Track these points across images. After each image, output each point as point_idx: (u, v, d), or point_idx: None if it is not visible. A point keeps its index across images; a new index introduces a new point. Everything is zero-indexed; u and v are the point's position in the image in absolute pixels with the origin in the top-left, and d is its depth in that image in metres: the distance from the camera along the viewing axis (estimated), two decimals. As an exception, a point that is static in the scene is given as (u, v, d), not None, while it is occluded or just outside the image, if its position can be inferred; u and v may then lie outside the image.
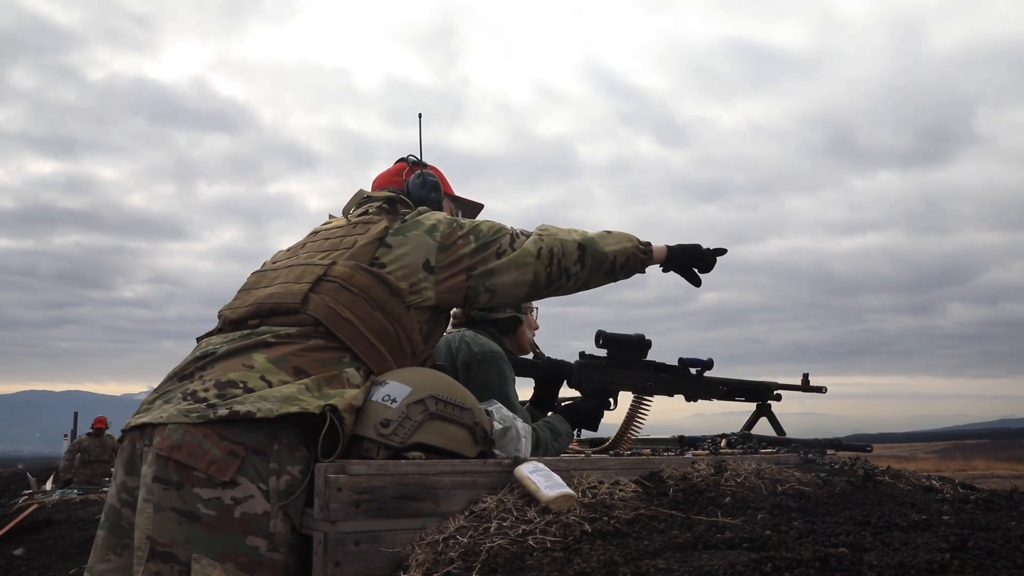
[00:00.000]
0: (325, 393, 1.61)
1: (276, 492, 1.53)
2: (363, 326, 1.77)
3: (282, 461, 1.55)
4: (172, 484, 1.50)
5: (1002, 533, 1.28)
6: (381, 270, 1.83)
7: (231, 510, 1.49)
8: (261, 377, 1.61)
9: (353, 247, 1.88)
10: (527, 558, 1.37)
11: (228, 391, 1.58)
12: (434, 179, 2.19)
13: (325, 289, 1.78)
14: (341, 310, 1.76)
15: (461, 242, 1.92)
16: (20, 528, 6.91)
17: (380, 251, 1.87)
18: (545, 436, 2.30)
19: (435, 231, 1.91)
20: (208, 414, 1.53)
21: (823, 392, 2.88)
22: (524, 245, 1.96)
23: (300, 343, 1.71)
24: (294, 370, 1.65)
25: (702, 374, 2.63)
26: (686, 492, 1.71)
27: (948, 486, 2.10)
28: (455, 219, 2.00)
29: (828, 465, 2.16)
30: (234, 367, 1.64)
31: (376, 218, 1.98)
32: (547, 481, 1.59)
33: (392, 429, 1.62)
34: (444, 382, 1.75)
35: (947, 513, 1.55)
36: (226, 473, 1.50)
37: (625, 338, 2.53)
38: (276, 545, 1.51)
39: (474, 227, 1.98)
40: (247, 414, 1.52)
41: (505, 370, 2.32)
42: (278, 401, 1.55)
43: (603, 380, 2.50)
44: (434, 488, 1.57)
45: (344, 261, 1.84)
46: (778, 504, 1.65)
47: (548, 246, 1.98)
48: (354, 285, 1.79)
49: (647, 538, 1.42)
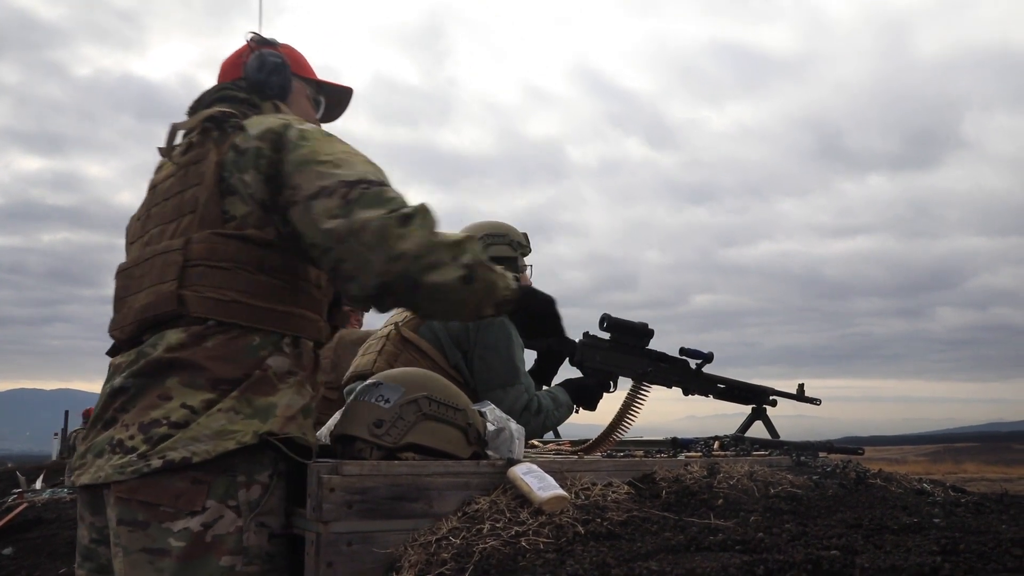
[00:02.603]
0: (258, 406, 1.49)
1: (247, 504, 1.47)
2: (254, 299, 1.55)
3: (250, 472, 1.49)
4: (138, 524, 1.43)
5: (993, 536, 1.29)
6: (240, 229, 1.57)
7: (202, 536, 1.43)
8: (182, 405, 1.46)
9: (197, 207, 1.59)
10: (520, 559, 1.37)
11: (153, 433, 1.44)
12: (276, 60, 1.79)
13: (194, 279, 1.54)
14: (222, 294, 1.53)
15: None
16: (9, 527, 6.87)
17: (227, 202, 1.58)
18: (547, 404, 2.34)
19: (260, 157, 1.57)
20: (142, 468, 1.42)
21: (817, 404, 2.90)
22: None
23: (201, 349, 1.51)
24: (211, 383, 1.49)
25: (701, 368, 2.65)
26: (679, 494, 1.71)
27: (939, 489, 2.11)
28: (283, 125, 1.60)
29: (820, 468, 2.17)
30: (152, 403, 1.48)
31: (201, 152, 1.64)
32: (540, 482, 1.59)
33: (385, 429, 1.61)
34: (438, 383, 1.74)
35: (938, 516, 1.55)
36: (196, 503, 1.43)
37: (629, 324, 2.55)
38: (251, 558, 1.46)
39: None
40: (183, 460, 1.41)
41: (512, 334, 2.34)
42: (211, 439, 1.43)
43: (605, 362, 2.52)
44: (427, 489, 1.57)
45: (197, 233, 1.56)
46: (770, 506, 1.66)
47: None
48: (221, 260, 1.55)
49: (640, 540, 1.42)
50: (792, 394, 2.87)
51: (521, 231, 2.66)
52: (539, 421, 2.33)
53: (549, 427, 2.44)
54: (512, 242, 2.53)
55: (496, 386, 2.27)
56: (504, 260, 2.52)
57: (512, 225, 2.59)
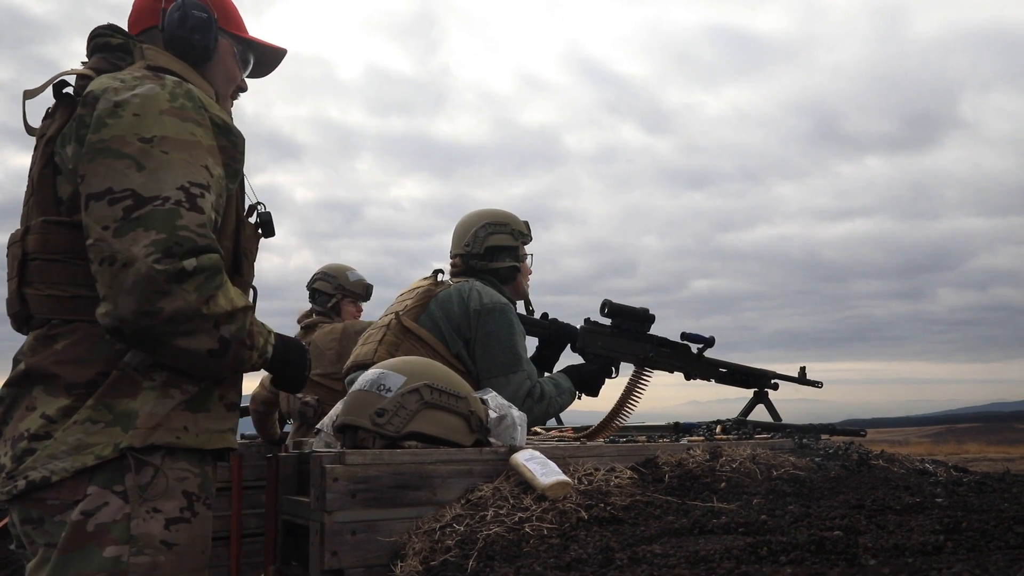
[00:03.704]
0: (119, 412, 1.34)
1: (135, 489, 1.33)
2: (95, 291, 1.33)
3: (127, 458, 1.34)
4: (34, 521, 1.33)
5: (995, 515, 1.29)
6: (70, 215, 1.38)
7: (82, 525, 1.30)
8: (42, 415, 1.33)
9: (34, 189, 1.42)
10: (524, 545, 1.37)
11: (17, 448, 1.33)
12: (202, 15, 1.53)
13: (32, 275, 1.39)
14: (61, 291, 1.37)
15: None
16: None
17: (58, 182, 1.39)
18: (549, 390, 2.36)
19: (82, 126, 1.35)
20: (12, 488, 1.32)
21: (819, 387, 2.91)
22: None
23: (51, 353, 1.36)
24: (66, 388, 1.35)
25: (703, 352, 2.65)
26: (682, 478, 1.72)
27: (941, 469, 2.12)
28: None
29: (822, 450, 2.17)
30: (21, 416, 1.36)
31: (48, 123, 1.45)
32: (543, 468, 1.59)
33: (387, 419, 1.61)
34: (440, 371, 1.74)
35: (940, 496, 1.56)
36: (78, 491, 1.31)
37: (630, 309, 2.55)
38: (141, 547, 1.32)
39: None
40: (43, 480, 1.30)
41: (514, 322, 2.35)
42: (68, 455, 1.31)
43: (607, 347, 2.53)
44: (430, 477, 1.57)
45: (35, 220, 1.40)
46: (773, 489, 1.66)
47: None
48: (55, 252, 1.38)
49: (643, 524, 1.43)
50: (794, 377, 2.88)
51: (522, 220, 2.65)
52: (542, 408, 2.33)
53: (552, 414, 2.45)
54: (513, 231, 2.53)
55: (499, 374, 2.27)
56: (505, 249, 2.52)
57: (513, 214, 2.58)
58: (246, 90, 1.70)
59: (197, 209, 1.33)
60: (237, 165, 1.49)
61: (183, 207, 1.31)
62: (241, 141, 1.49)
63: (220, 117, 1.45)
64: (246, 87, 1.70)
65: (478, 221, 2.52)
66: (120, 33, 1.52)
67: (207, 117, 1.42)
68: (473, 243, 2.49)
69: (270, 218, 1.61)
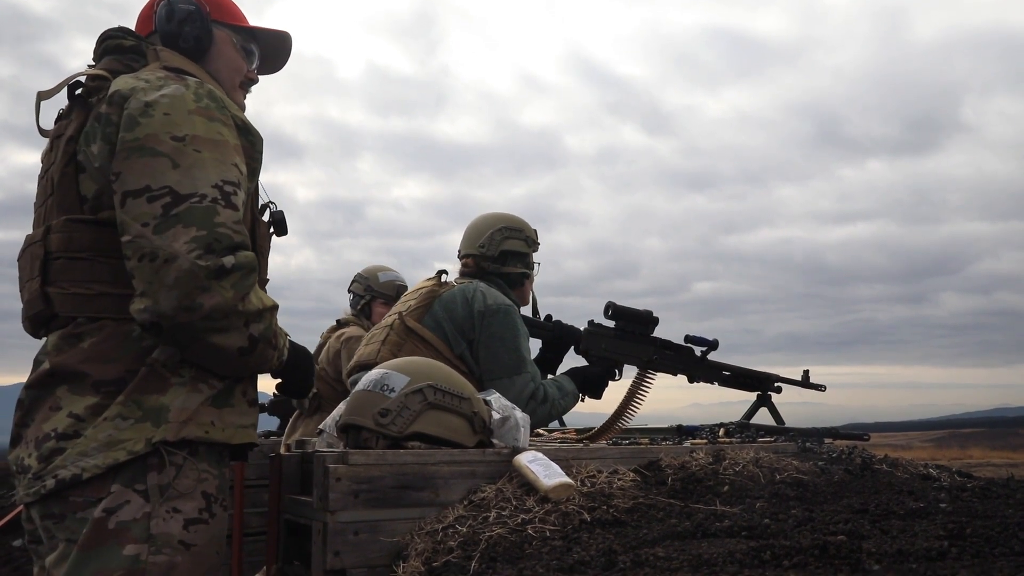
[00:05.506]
0: (148, 408, 1.35)
1: (156, 488, 1.34)
2: (125, 288, 1.35)
3: (159, 453, 1.36)
4: (55, 516, 1.34)
5: (999, 520, 1.29)
6: (94, 212, 1.39)
7: (104, 523, 1.31)
8: (69, 414, 1.34)
9: (53, 189, 1.43)
10: (526, 547, 1.37)
11: (44, 448, 1.34)
12: (188, 7, 1.53)
13: (56, 274, 1.39)
14: (86, 289, 1.38)
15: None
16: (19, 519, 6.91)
17: (81, 181, 1.40)
18: (553, 392, 2.36)
19: (108, 124, 1.37)
20: (39, 489, 1.32)
21: (822, 390, 2.91)
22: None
23: (77, 352, 1.37)
24: (93, 386, 1.35)
25: (706, 355, 2.65)
26: (685, 481, 1.71)
27: (945, 474, 2.11)
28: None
29: (826, 454, 2.17)
30: (45, 416, 1.36)
31: (65, 123, 1.46)
32: (546, 470, 1.59)
33: (391, 419, 1.61)
34: (443, 372, 1.74)
35: (944, 501, 1.55)
36: (104, 489, 1.32)
37: (634, 312, 2.55)
38: (160, 547, 1.33)
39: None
40: (74, 478, 1.30)
41: (518, 324, 2.35)
42: (100, 451, 1.31)
43: (610, 349, 2.53)
44: (433, 478, 1.57)
45: (57, 219, 1.41)
46: (776, 492, 1.66)
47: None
48: (79, 250, 1.38)
49: (646, 527, 1.43)
50: (797, 381, 2.87)
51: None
52: (545, 409, 2.34)
53: (555, 415, 2.45)
54: (527, 238, 2.55)
55: (503, 375, 2.27)
56: (518, 255, 2.53)
57: (526, 221, 2.59)
58: (256, 81, 1.71)
59: (232, 207, 1.35)
60: (255, 165, 1.51)
61: (219, 204, 1.33)
62: (259, 141, 1.52)
63: (240, 117, 1.48)
64: (256, 78, 1.70)
65: (495, 224, 2.53)
66: (132, 35, 1.54)
67: (230, 117, 1.44)
68: (489, 245, 2.49)
69: (283, 217, 1.62)
